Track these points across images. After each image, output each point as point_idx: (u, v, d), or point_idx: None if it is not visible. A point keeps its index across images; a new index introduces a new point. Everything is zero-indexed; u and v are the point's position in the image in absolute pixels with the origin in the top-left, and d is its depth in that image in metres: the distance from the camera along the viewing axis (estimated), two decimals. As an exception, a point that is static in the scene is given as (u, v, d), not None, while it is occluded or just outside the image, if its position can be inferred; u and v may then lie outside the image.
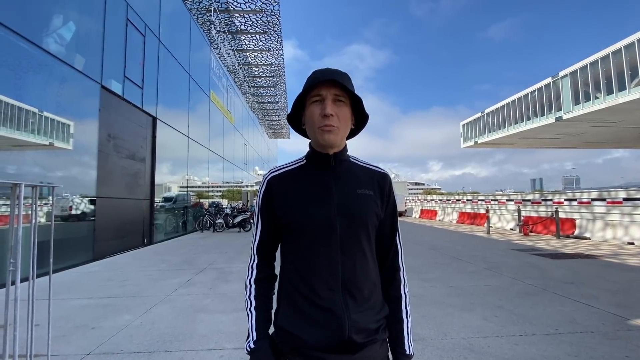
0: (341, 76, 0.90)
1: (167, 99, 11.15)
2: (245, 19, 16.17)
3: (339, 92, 0.88)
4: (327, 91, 0.87)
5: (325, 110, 0.86)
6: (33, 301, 1.77)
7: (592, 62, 19.52)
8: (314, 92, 0.89)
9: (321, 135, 0.88)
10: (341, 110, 0.89)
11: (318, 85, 0.87)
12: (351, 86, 0.90)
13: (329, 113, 0.86)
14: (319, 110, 0.88)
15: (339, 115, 0.88)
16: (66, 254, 6.28)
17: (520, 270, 5.63)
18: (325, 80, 0.86)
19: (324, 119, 0.86)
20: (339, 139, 0.91)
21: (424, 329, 3.10)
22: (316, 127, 0.89)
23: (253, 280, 0.96)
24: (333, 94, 0.88)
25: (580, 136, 27.43)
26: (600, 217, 9.93)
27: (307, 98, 0.91)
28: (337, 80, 0.86)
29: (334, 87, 0.88)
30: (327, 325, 0.83)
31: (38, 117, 5.83)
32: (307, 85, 0.90)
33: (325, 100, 0.87)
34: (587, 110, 19.99)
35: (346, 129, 0.93)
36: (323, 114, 0.86)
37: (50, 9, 6.09)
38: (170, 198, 12.36)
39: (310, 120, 0.90)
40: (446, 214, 19.26)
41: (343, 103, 0.89)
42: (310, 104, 0.90)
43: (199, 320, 3.37)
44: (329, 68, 0.93)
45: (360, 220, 0.91)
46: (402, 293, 1.00)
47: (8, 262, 1.48)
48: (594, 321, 3.26)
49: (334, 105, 0.88)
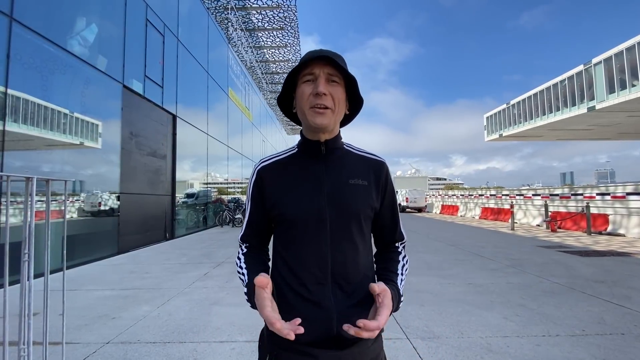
0: (335, 56, 0.85)
1: (187, 97, 11.40)
2: (262, 15, 16.28)
3: (333, 72, 0.83)
4: (320, 69, 0.83)
5: (318, 88, 0.81)
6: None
7: (628, 47, 18.26)
8: (307, 71, 0.84)
9: (312, 117, 0.83)
10: (335, 90, 0.84)
11: (310, 63, 0.83)
12: (345, 67, 0.85)
13: (322, 91, 0.81)
14: (311, 89, 0.83)
15: (332, 95, 0.83)
16: (94, 248, 6.60)
17: (545, 267, 5.36)
18: (318, 57, 0.82)
19: (316, 97, 0.81)
20: (332, 123, 0.85)
21: (439, 327, 3.00)
22: (307, 108, 0.83)
23: (242, 254, 0.94)
24: (326, 73, 0.83)
25: (615, 127, 25.81)
26: (637, 212, 9.30)
27: (299, 77, 0.86)
28: (331, 58, 0.81)
29: (328, 65, 0.83)
30: (316, 320, 0.80)
31: (69, 117, 6.13)
32: (300, 63, 0.85)
33: (318, 79, 0.83)
34: (622, 99, 18.75)
35: (340, 113, 0.87)
36: (315, 93, 0.81)
37: (73, 12, 6.33)
38: (192, 194, 12.72)
39: (301, 100, 0.85)
40: (468, 209, 18.71)
41: (337, 83, 0.84)
42: (302, 84, 0.85)
43: (214, 313, 3.44)
44: (323, 49, 0.88)
45: (351, 212, 0.86)
46: (400, 259, 0.95)
47: (22, 253, 1.54)
48: (625, 323, 3.04)
49: (328, 85, 0.83)
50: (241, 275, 0.89)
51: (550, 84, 25.14)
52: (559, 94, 24.21)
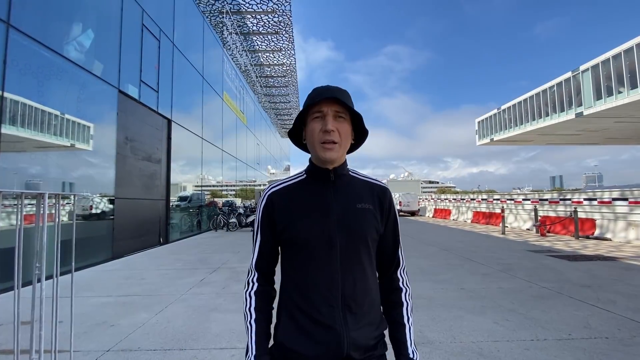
0: (342, 94, 0.92)
1: (182, 101, 11.41)
2: (257, 19, 16.34)
3: (340, 109, 0.91)
4: (328, 108, 0.90)
5: (326, 126, 0.89)
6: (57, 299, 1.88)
7: (614, 55, 18.78)
8: (315, 109, 0.91)
9: (322, 152, 0.90)
10: (342, 126, 0.91)
11: (319, 102, 0.90)
12: (351, 103, 0.93)
13: (330, 129, 0.88)
14: (320, 126, 0.90)
15: (340, 131, 0.90)
16: (88, 253, 6.55)
17: (535, 272, 5.52)
18: (327, 97, 0.89)
19: (325, 134, 0.89)
20: (339, 155, 0.93)
21: (432, 332, 3.10)
22: (317, 143, 0.91)
23: (253, 292, 0.96)
24: (334, 111, 0.90)
25: (602, 132, 26.47)
26: (623, 216, 9.58)
27: (309, 114, 0.94)
28: (338, 98, 0.88)
29: (335, 104, 0.90)
30: (326, 342, 0.84)
31: (60, 119, 6.10)
32: (308, 102, 0.92)
33: (326, 117, 0.90)
34: (609, 105, 19.27)
35: (346, 145, 0.95)
36: (324, 130, 0.89)
37: (70, 18, 6.33)
38: (185, 197, 12.66)
39: (311, 136, 0.92)
40: (460, 213, 18.97)
41: (343, 119, 0.92)
42: (312, 120, 0.92)
43: (212, 319, 3.48)
44: (330, 86, 0.95)
45: (360, 235, 0.91)
46: (404, 300, 1.00)
47: (34, 266, 1.59)
48: (610, 326, 3.18)
49: (335, 121, 0.90)
50: (248, 324, 0.93)
51: (540, 90, 25.68)
52: (548, 99, 24.74)
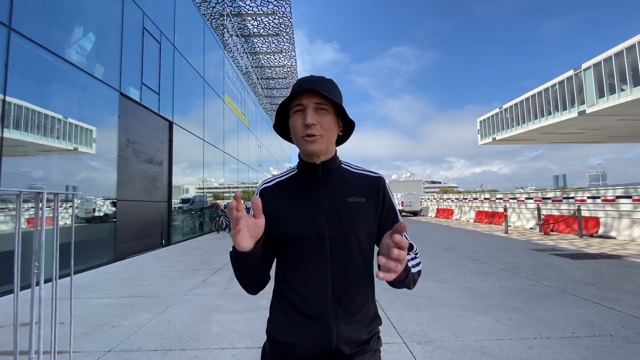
0: (323, 84, 0.88)
1: (183, 103, 11.45)
2: (257, 22, 16.41)
3: (321, 101, 0.87)
4: (308, 100, 0.86)
5: (306, 120, 0.85)
6: (56, 301, 1.89)
7: (616, 52, 18.68)
8: (296, 102, 0.88)
9: (304, 146, 0.88)
10: (324, 118, 0.88)
11: (299, 94, 0.87)
12: (334, 94, 0.89)
13: (310, 122, 0.85)
14: (301, 120, 0.87)
15: (321, 124, 0.87)
16: (90, 255, 6.58)
17: (538, 271, 5.48)
18: (305, 89, 0.86)
19: (306, 128, 0.86)
20: (323, 148, 0.90)
21: (434, 331, 3.08)
22: (299, 137, 0.88)
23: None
24: (314, 103, 0.87)
25: (605, 130, 26.30)
26: (627, 214, 9.50)
27: (291, 107, 0.91)
28: (317, 90, 0.85)
29: (316, 95, 0.86)
30: (316, 335, 0.84)
31: (63, 123, 6.14)
32: (290, 95, 0.89)
33: (306, 110, 0.86)
34: (612, 103, 19.17)
35: (331, 137, 0.91)
36: (304, 124, 0.86)
37: (71, 21, 6.38)
38: (187, 199, 12.69)
39: (294, 131, 0.90)
40: (463, 212, 18.90)
41: (326, 111, 0.88)
42: (293, 114, 0.90)
43: (213, 320, 3.47)
44: (313, 76, 0.92)
45: (350, 230, 0.89)
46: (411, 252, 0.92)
47: (33, 266, 1.59)
48: (614, 324, 3.15)
49: (316, 114, 0.87)
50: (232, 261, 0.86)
51: (542, 88, 25.58)
52: (550, 98, 24.64)
